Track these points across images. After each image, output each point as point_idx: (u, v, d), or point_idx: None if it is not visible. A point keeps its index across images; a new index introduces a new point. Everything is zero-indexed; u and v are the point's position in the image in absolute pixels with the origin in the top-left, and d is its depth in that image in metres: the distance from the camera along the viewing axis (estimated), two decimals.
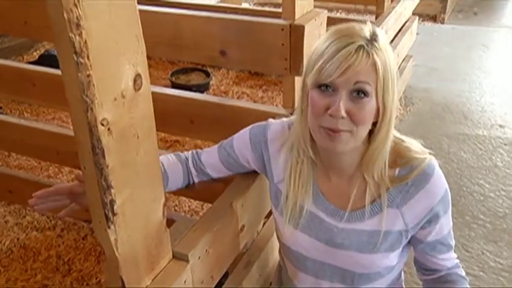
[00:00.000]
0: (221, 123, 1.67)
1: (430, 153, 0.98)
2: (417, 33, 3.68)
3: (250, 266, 1.38)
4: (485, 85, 3.79)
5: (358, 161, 0.97)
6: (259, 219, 1.37)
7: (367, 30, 0.89)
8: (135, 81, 0.81)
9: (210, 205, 2.44)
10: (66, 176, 2.79)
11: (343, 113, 0.86)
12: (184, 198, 2.50)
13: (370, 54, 0.85)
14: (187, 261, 1.01)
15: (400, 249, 1.03)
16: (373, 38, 0.88)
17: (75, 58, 0.69)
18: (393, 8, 2.63)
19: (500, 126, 3.21)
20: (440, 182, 0.97)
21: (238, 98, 3.65)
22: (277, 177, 1.08)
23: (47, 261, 2.21)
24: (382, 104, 0.88)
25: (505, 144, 3.01)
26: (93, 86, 0.72)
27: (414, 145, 0.99)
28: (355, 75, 0.85)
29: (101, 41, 0.72)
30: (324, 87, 0.89)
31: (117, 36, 0.75)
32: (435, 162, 0.98)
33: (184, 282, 1.01)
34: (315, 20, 1.47)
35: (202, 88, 3.67)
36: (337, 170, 1.01)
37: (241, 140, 1.14)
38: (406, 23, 3.14)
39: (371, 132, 0.93)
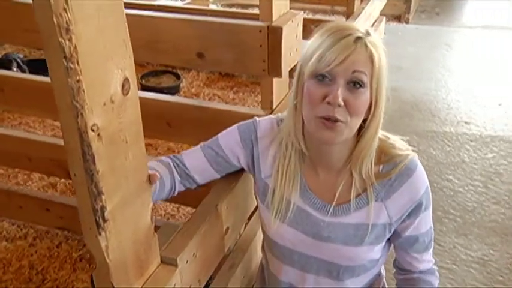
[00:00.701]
0: (199, 126, 1.66)
1: (413, 150, 1.01)
2: (384, 33, 3.77)
3: (234, 268, 1.39)
4: (450, 83, 3.90)
5: (346, 156, 1.00)
6: (243, 221, 1.37)
7: (360, 26, 0.93)
8: (123, 85, 0.80)
9: (186, 208, 2.44)
10: (36, 183, 2.72)
11: (340, 100, 0.88)
12: (159, 201, 2.48)
13: (368, 46, 0.89)
14: (176, 265, 1.01)
15: (384, 242, 1.06)
16: (368, 32, 0.92)
17: (65, 63, 0.68)
18: (363, 8, 2.68)
19: (466, 123, 3.32)
20: (422, 177, 1.01)
21: (209, 99, 3.64)
22: (265, 172, 1.09)
23: (19, 272, 2.15)
24: (375, 98, 0.92)
25: (471, 140, 3.10)
26: (83, 91, 0.71)
27: (398, 142, 1.02)
28: (353, 64, 0.88)
29: (90, 45, 0.71)
30: (321, 77, 0.91)
31: (105, 41, 0.74)
32: (417, 160, 1.02)
33: (174, 286, 1.00)
34: (292, 21, 1.48)
35: (173, 90, 3.64)
36: (325, 164, 1.03)
37: (229, 137, 1.14)
38: (374, 23, 3.20)
39: (360, 129, 0.96)
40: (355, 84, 0.89)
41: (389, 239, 1.08)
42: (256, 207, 1.49)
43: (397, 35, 4.99)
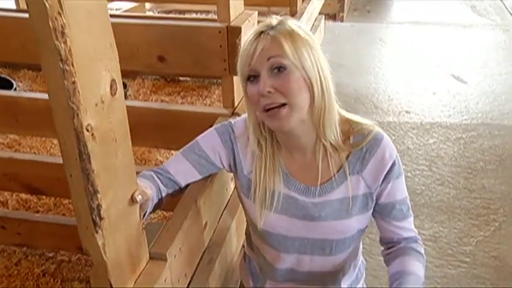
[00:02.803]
0: (163, 129, 1.68)
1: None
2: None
3: (212, 262, 1.42)
4: (388, 76, 4.11)
5: (313, 134, 1.06)
6: (218, 215, 1.41)
7: (274, 20, 1.01)
8: (111, 86, 0.83)
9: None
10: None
11: (267, 88, 0.96)
12: None
13: (271, 34, 0.97)
14: (165, 260, 1.04)
15: (370, 212, 1.12)
16: (278, 23, 1.00)
17: (61, 65, 0.70)
18: (305, 7, 2.79)
19: (407, 112, 3.51)
20: (389, 146, 1.08)
21: None
22: (247, 169, 1.13)
23: None
24: (305, 73, 0.98)
25: (413, 128, 3.30)
26: (78, 92, 0.74)
27: (361, 118, 1.10)
28: (264, 53, 0.97)
29: (82, 48, 0.74)
30: (252, 78, 1.00)
31: (94, 44, 0.77)
32: (383, 132, 1.09)
33: (165, 281, 1.03)
34: (249, 20, 1.54)
35: None
36: (298, 148, 1.09)
37: (209, 139, 1.17)
38: (315, 22, 3.32)
39: None
40: (278, 69, 0.97)
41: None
42: (227, 202, 1.54)
43: (334, 33, 5.17)
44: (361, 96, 3.74)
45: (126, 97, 3.65)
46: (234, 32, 1.49)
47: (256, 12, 1.62)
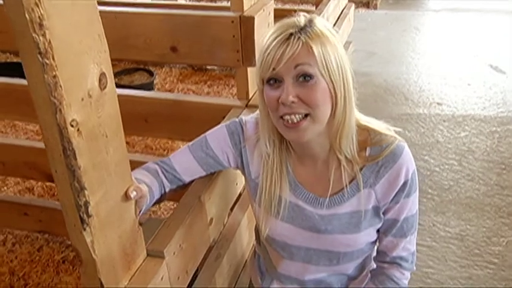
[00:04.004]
0: (177, 120, 1.66)
1: (396, 132, 1.01)
2: (353, 20, 3.80)
3: (220, 258, 1.39)
4: (421, 66, 3.97)
5: (328, 145, 1.00)
6: (226, 211, 1.38)
7: (302, 19, 0.93)
8: (100, 80, 0.80)
9: (167, 203, 2.43)
10: (12, 188, 2.67)
11: (291, 98, 0.89)
12: None
13: (302, 39, 0.89)
14: (162, 257, 1.01)
15: (379, 224, 1.05)
16: (307, 24, 0.91)
17: (40, 59, 0.67)
18: None
19: (438, 104, 3.39)
20: (407, 163, 1.00)
21: (184, 94, 3.63)
22: (255, 173, 1.09)
23: None
24: (331, 83, 0.91)
25: (444, 121, 3.17)
26: (60, 86, 0.71)
27: (381, 126, 1.02)
28: (292, 60, 0.88)
29: (65, 40, 0.70)
30: (272, 81, 0.92)
31: (80, 35, 0.74)
32: (404, 144, 1.01)
33: (161, 279, 1.01)
34: (263, 10, 1.49)
35: (146, 88, 3.61)
36: (311, 157, 1.03)
37: (218, 137, 1.12)
38: (343, 10, 3.23)
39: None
40: (303, 77, 0.90)
41: None
42: (239, 197, 1.50)
43: (367, 21, 5.05)
44: (391, 87, 3.63)
45: (152, 86, 3.69)
46: (248, 22, 1.44)
47: (272, 1, 1.56)
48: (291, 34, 0.89)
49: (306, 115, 0.91)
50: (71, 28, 0.72)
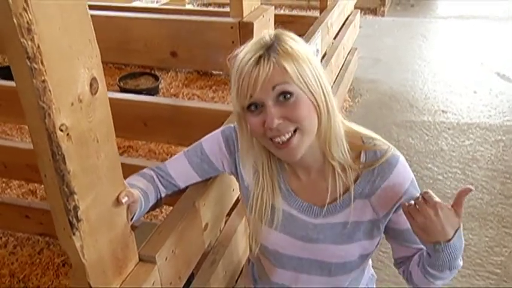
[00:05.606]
0: (176, 124, 1.66)
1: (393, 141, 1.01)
2: (360, 26, 3.80)
3: (215, 264, 1.39)
4: (427, 73, 3.96)
5: (320, 154, 0.99)
6: (221, 217, 1.38)
7: (268, 38, 0.91)
8: (91, 85, 0.80)
9: (169, 208, 2.43)
10: (15, 190, 2.69)
11: (276, 121, 0.88)
12: None
13: (273, 59, 0.87)
14: (154, 263, 1.01)
15: (377, 239, 1.04)
16: (274, 42, 0.89)
17: (29, 64, 0.68)
18: (336, 2, 2.70)
19: (443, 111, 3.37)
20: (404, 172, 0.99)
21: (189, 99, 3.63)
22: (247, 181, 1.08)
23: None
24: (311, 95, 0.90)
25: (449, 129, 3.15)
26: (49, 91, 0.71)
27: (371, 132, 1.02)
28: (268, 82, 0.86)
29: (54, 45, 0.71)
30: (253, 106, 0.91)
31: (70, 40, 0.74)
32: (399, 154, 1.00)
33: (153, 284, 1.01)
34: (263, 16, 1.49)
35: (151, 92, 3.63)
36: (304, 168, 1.02)
37: (213, 143, 1.12)
38: (349, 16, 3.22)
39: None
40: (284, 96, 0.88)
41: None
42: (236, 203, 1.50)
43: (374, 27, 5.04)
44: (396, 94, 3.61)
45: (157, 91, 3.70)
46: (247, 28, 1.44)
47: (273, 7, 1.56)
48: (260, 56, 0.87)
49: (295, 130, 0.90)
50: (60, 33, 0.72)
